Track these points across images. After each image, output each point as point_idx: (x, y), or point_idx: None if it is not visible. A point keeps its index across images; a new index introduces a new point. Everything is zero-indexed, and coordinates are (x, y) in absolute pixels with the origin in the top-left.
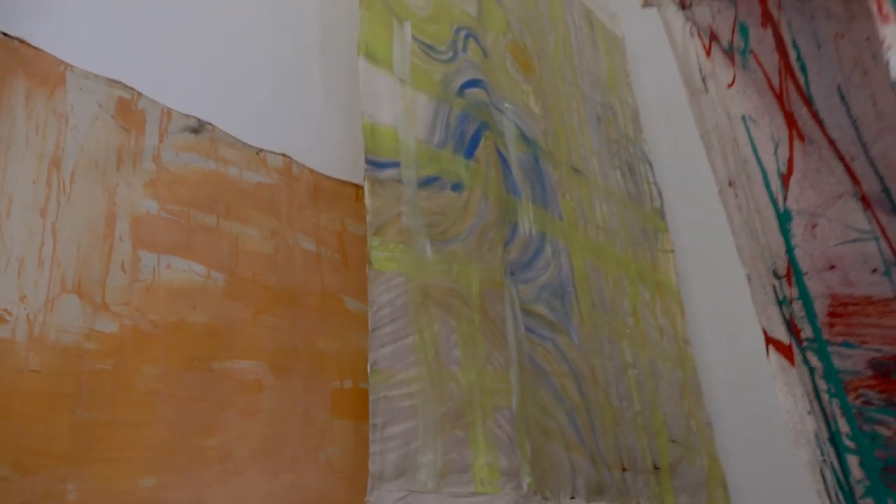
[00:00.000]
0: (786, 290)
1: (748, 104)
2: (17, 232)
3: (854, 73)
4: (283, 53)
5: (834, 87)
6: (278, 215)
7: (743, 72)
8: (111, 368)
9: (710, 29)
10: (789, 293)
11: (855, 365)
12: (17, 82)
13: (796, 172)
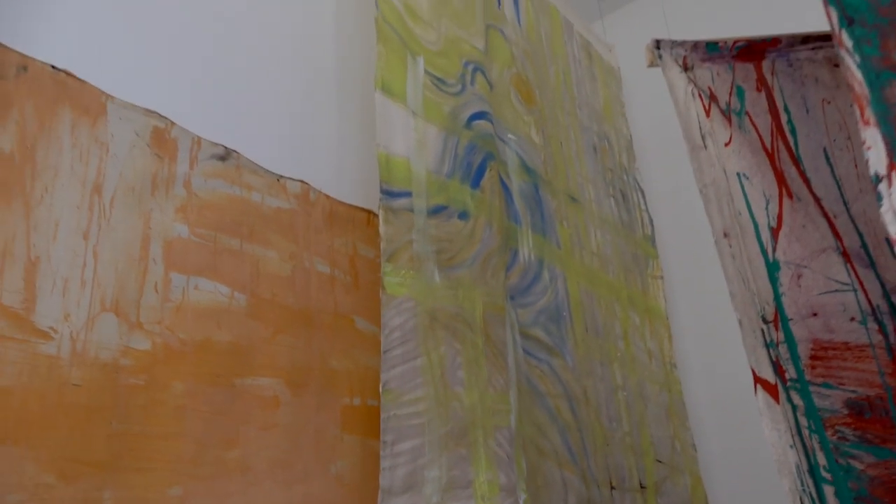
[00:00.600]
0: (773, 334)
1: (743, 162)
2: (62, 254)
3: (839, 137)
4: (303, 85)
5: (820, 148)
6: (296, 239)
7: (739, 132)
8: (144, 383)
9: (709, 90)
10: (776, 337)
11: (833, 404)
12: (64, 113)
13: (785, 226)
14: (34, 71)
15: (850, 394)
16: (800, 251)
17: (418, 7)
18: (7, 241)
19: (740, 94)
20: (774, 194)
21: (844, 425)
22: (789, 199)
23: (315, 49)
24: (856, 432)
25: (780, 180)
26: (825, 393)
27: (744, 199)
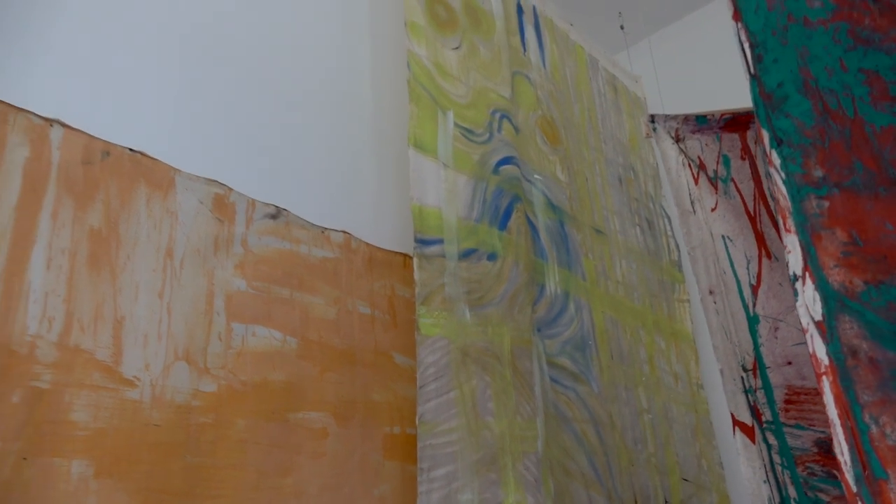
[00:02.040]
0: (752, 381)
1: (727, 226)
2: (142, 312)
3: None
4: (344, 144)
5: None
6: (339, 285)
7: (724, 198)
8: (212, 421)
9: (698, 160)
10: (754, 384)
11: (804, 443)
12: (140, 189)
13: (763, 284)
14: (115, 154)
15: (819, 434)
16: (777, 306)
17: (447, 64)
18: (98, 304)
19: (726, 163)
20: (755, 255)
21: (814, 462)
22: (768, 259)
23: (353, 110)
24: (823, 468)
25: (761, 242)
26: (797, 433)
27: (728, 260)
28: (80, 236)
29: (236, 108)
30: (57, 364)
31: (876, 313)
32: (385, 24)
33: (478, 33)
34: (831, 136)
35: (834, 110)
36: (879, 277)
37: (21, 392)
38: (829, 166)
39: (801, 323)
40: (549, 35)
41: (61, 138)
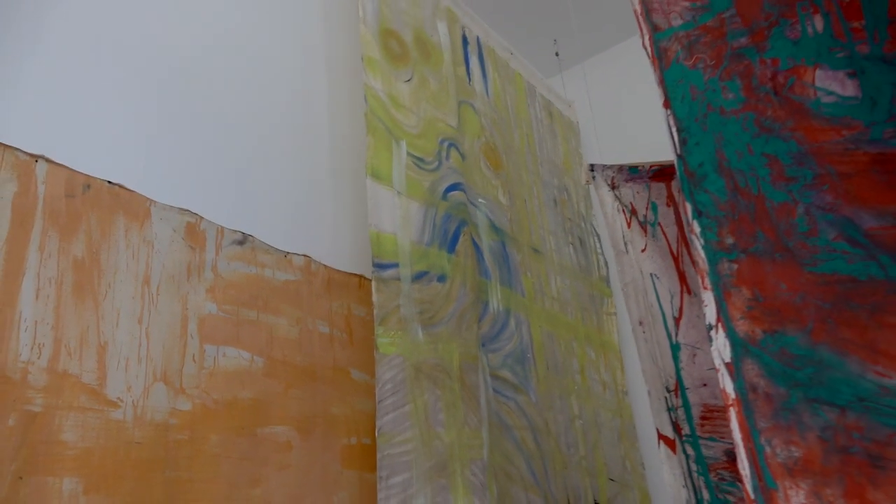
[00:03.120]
0: (673, 401)
1: (654, 265)
2: (123, 338)
3: None
4: (304, 174)
5: None
6: (301, 306)
7: (652, 240)
8: (188, 438)
9: (631, 205)
10: (675, 403)
11: (716, 453)
12: (119, 220)
13: (684, 317)
14: (95, 187)
15: (728, 445)
16: (695, 336)
17: (400, 96)
18: (83, 331)
19: (654, 209)
20: (677, 291)
21: (723, 469)
22: (688, 295)
23: (313, 141)
24: (731, 474)
25: (682, 279)
26: (710, 445)
27: (655, 295)
28: (65, 266)
29: (205, 140)
30: (47, 388)
31: (771, 357)
32: (341, 58)
33: (428, 65)
34: (740, 209)
35: (742, 188)
36: (775, 327)
37: (16, 416)
38: (738, 235)
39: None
40: (492, 64)
41: (46, 173)
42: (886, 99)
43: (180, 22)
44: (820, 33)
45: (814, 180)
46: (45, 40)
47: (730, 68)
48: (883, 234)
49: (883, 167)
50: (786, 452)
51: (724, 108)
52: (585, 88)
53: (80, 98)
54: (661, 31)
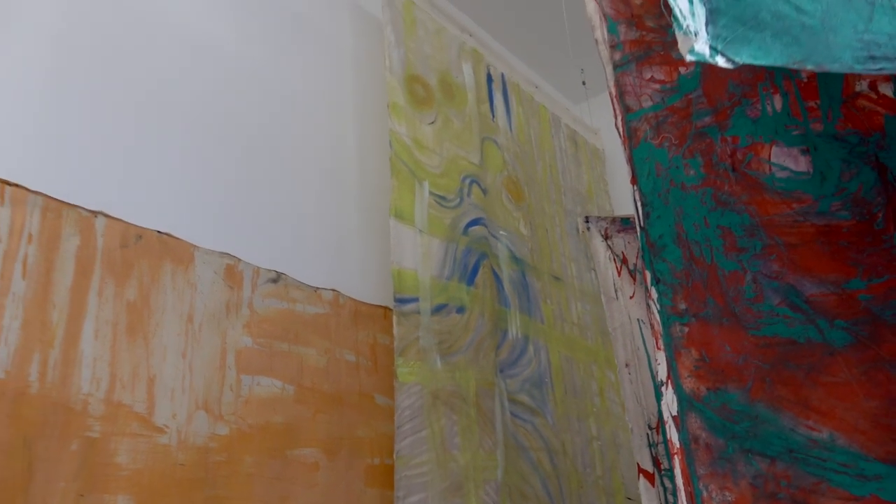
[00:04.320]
0: (654, 437)
1: (641, 311)
2: (170, 371)
3: None
4: (333, 215)
5: None
6: (329, 337)
7: (640, 288)
8: (225, 459)
9: (622, 255)
10: (657, 439)
11: None
12: (166, 265)
13: None
14: (146, 237)
15: None
16: None
17: (424, 138)
18: (135, 366)
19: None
20: None
21: None
22: None
23: (341, 185)
24: None
25: None
26: None
27: (641, 339)
28: (119, 309)
29: (242, 187)
30: (104, 417)
31: (713, 412)
32: (369, 104)
33: (451, 106)
34: (693, 277)
35: (697, 257)
36: (717, 385)
37: (78, 441)
38: (690, 301)
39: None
40: (516, 99)
41: (104, 227)
42: (835, 174)
43: (220, 77)
44: (778, 112)
45: (763, 250)
46: (99, 105)
47: (693, 146)
48: (822, 300)
49: (827, 238)
50: (720, 497)
51: (684, 184)
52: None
53: (131, 155)
54: (632, 111)
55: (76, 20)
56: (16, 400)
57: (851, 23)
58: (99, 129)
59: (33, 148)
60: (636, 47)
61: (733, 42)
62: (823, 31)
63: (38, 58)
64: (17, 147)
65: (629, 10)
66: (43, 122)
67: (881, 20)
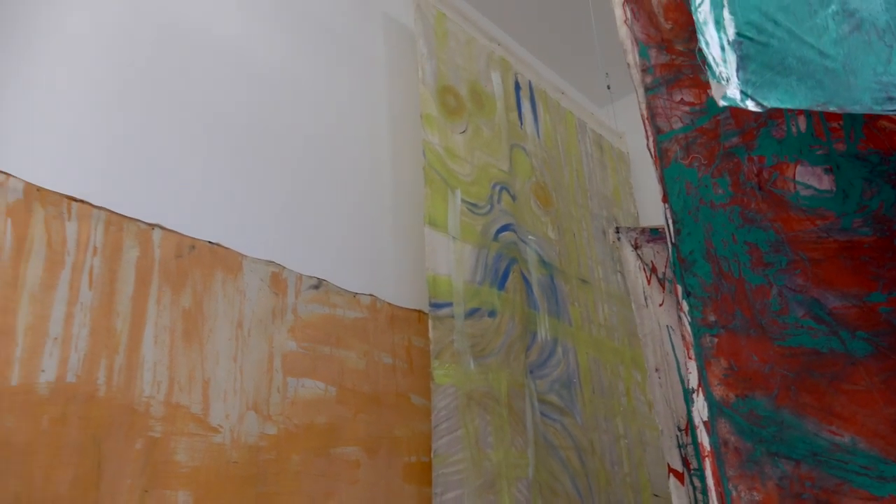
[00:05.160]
0: (684, 439)
1: (670, 318)
2: (222, 374)
3: None
4: (369, 222)
5: None
6: (368, 340)
7: (669, 295)
8: (274, 457)
9: (651, 264)
10: (686, 440)
11: None
12: (217, 274)
13: None
14: (199, 248)
15: None
16: None
17: (456, 147)
18: (191, 369)
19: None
20: None
21: None
22: None
23: (378, 194)
24: None
25: None
26: None
27: (670, 344)
28: (176, 316)
29: (286, 198)
30: (164, 418)
31: (740, 417)
32: (403, 116)
33: (481, 115)
34: (722, 291)
35: (726, 272)
36: (745, 392)
37: (142, 441)
38: (720, 313)
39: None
40: (543, 106)
41: (160, 238)
42: (857, 192)
43: (264, 95)
44: (802, 132)
45: (788, 265)
46: (155, 124)
47: (721, 166)
48: (845, 312)
49: (849, 253)
50: (749, 497)
51: (713, 202)
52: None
53: (184, 171)
54: (663, 133)
55: (134, 46)
56: (86, 402)
57: (871, 65)
58: (155, 147)
59: (96, 165)
60: (666, 71)
61: (762, 87)
62: (845, 74)
63: (100, 82)
64: (82, 165)
65: (659, 35)
66: (104, 142)
67: None
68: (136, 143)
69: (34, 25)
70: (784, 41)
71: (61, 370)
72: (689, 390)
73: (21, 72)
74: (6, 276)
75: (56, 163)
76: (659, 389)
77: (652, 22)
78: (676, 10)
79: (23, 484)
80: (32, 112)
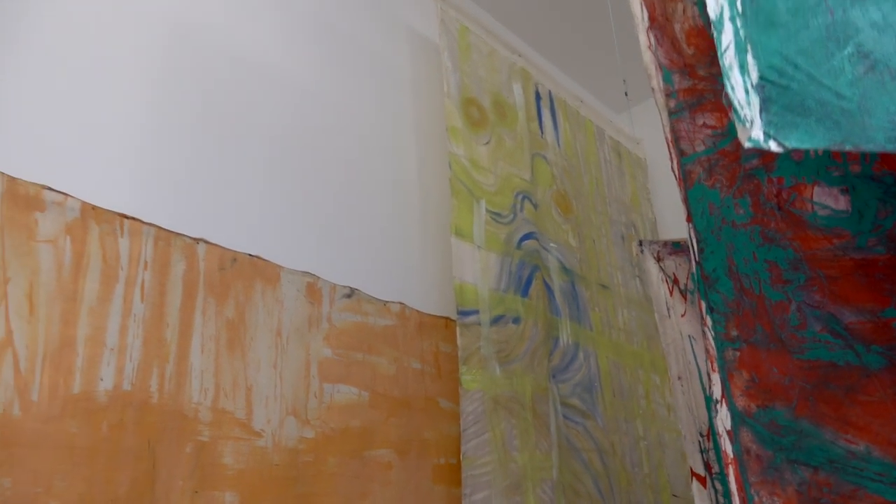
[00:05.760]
0: (705, 444)
1: (692, 328)
2: (263, 380)
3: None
4: (398, 233)
5: None
6: (397, 346)
7: (691, 307)
8: (312, 460)
9: (673, 276)
10: (707, 445)
11: None
12: (257, 285)
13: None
14: (240, 260)
15: None
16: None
17: (480, 158)
18: (235, 376)
19: (693, 279)
20: None
21: None
22: None
23: (405, 205)
24: None
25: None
26: None
27: (692, 354)
28: (220, 325)
29: (319, 210)
30: (212, 423)
31: (762, 427)
32: (428, 128)
33: (504, 125)
34: (744, 306)
35: (747, 289)
36: (766, 403)
37: (191, 445)
38: (741, 328)
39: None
40: (563, 114)
41: (205, 252)
42: (872, 212)
43: (299, 112)
44: (819, 154)
45: (806, 282)
46: (197, 142)
47: (742, 187)
48: (860, 327)
49: (864, 271)
50: (770, 501)
51: (735, 222)
52: (655, 122)
53: (225, 186)
54: (686, 155)
55: (179, 70)
56: (140, 409)
57: (884, 105)
58: (198, 165)
59: (143, 183)
60: (689, 95)
61: (783, 128)
62: (860, 114)
63: (148, 105)
64: (131, 183)
65: (682, 60)
66: (151, 160)
67: None
68: (181, 161)
69: (88, 54)
70: (803, 84)
71: (118, 378)
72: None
73: (76, 99)
74: (67, 291)
75: (108, 181)
76: (682, 397)
77: (675, 47)
78: (698, 35)
79: (86, 485)
80: (87, 134)
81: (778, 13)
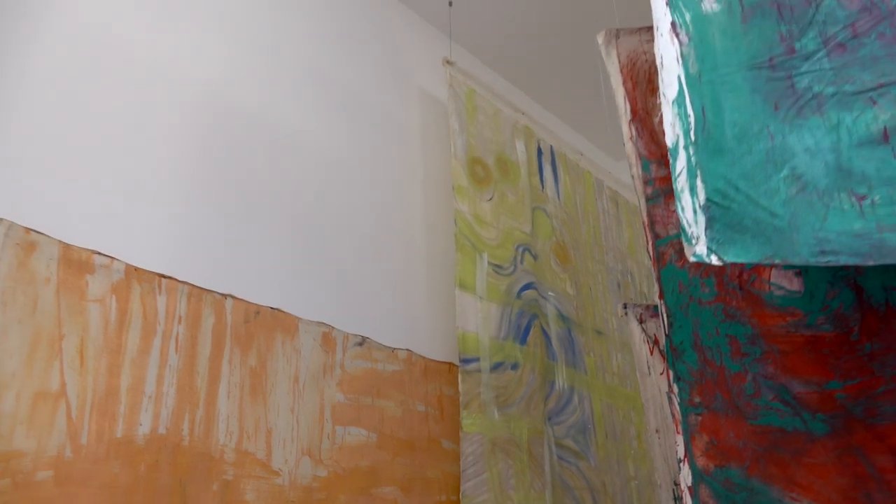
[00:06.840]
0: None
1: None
2: (282, 424)
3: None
4: (405, 285)
5: None
6: (404, 390)
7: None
8: (325, 497)
9: (654, 337)
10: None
11: None
12: (277, 336)
13: None
14: (263, 313)
15: None
16: None
17: (483, 213)
18: (257, 420)
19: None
20: None
21: None
22: None
23: (413, 259)
24: None
25: None
26: None
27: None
28: (244, 374)
29: (333, 265)
30: (235, 463)
31: (718, 484)
32: (435, 186)
33: (507, 182)
34: (706, 376)
35: (709, 360)
36: (722, 463)
37: (217, 483)
38: (703, 396)
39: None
40: (563, 168)
41: (232, 306)
42: (822, 293)
43: (317, 172)
44: None
45: (761, 356)
46: (224, 206)
47: (708, 268)
48: (807, 397)
49: (812, 346)
50: None
51: (701, 300)
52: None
53: (249, 246)
54: (660, 238)
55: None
56: (174, 451)
57: (810, 223)
58: (227, 226)
59: (179, 245)
60: (664, 183)
61: (724, 244)
62: (789, 231)
63: (180, 173)
64: (168, 245)
65: (660, 151)
66: (186, 224)
67: (833, 220)
68: (212, 224)
69: (122, 120)
70: (742, 204)
71: (154, 423)
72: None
73: (120, 171)
74: (112, 345)
75: (148, 244)
76: (658, 448)
77: (653, 139)
78: None
79: None
80: (129, 202)
81: (725, 140)
